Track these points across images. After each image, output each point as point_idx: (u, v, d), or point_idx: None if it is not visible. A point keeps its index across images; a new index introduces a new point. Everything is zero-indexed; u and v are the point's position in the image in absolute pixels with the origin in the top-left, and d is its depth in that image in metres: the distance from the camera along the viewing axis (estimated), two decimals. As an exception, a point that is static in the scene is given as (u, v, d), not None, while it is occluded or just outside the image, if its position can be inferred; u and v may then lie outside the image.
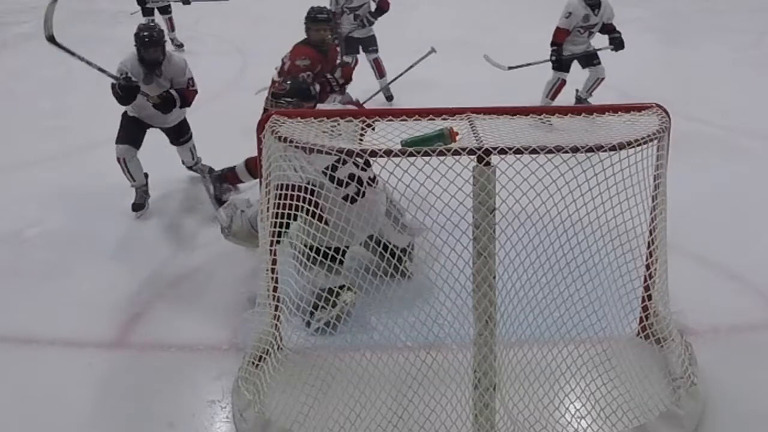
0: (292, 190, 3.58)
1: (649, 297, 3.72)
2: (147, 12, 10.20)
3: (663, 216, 3.61)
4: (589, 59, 7.09)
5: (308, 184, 3.78)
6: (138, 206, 5.51)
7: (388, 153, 3.12)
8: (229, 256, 4.78)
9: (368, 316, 3.92)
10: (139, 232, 5.28)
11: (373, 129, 3.36)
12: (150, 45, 5.39)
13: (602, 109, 3.44)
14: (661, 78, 7.88)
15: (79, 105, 7.85)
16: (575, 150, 3.07)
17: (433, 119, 3.36)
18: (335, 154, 3.16)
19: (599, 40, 7.11)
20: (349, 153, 3.15)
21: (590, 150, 3.08)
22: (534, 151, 3.02)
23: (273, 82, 5.61)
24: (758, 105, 7.07)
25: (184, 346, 4.11)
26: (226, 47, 10.43)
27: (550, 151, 3.03)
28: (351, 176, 4.02)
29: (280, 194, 3.51)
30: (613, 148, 3.13)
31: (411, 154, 3.08)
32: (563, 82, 7.09)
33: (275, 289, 3.69)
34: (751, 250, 4.85)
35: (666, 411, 3.39)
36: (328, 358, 3.52)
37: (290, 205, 3.51)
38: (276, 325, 3.73)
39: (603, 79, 7.11)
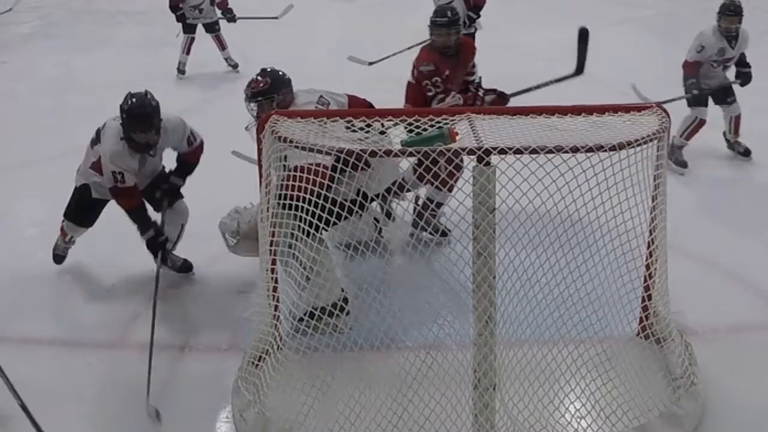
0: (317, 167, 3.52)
1: (649, 297, 3.72)
2: (190, 29, 8.99)
3: (663, 216, 3.60)
4: (724, 96, 6.23)
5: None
6: (60, 258, 4.90)
7: (388, 153, 3.12)
8: (229, 256, 4.78)
9: (368, 316, 3.91)
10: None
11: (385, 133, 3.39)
12: (145, 125, 4.28)
13: (602, 109, 3.44)
14: (661, 78, 7.87)
15: (79, 105, 7.84)
16: (575, 150, 3.07)
17: (433, 119, 3.36)
18: (335, 154, 3.17)
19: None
20: (349, 153, 3.16)
21: (590, 150, 3.09)
22: (534, 151, 3.03)
23: (408, 83, 5.21)
24: (758, 105, 7.05)
25: (184, 346, 4.11)
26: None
27: (550, 151, 3.03)
28: None
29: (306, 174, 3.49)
30: (613, 148, 3.13)
31: (411, 154, 3.08)
32: (702, 122, 6.12)
33: (275, 289, 3.69)
34: (751, 250, 4.85)
35: (666, 411, 3.39)
36: (328, 358, 3.52)
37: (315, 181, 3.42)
38: (276, 325, 3.73)
39: (739, 116, 6.32)
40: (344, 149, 3.15)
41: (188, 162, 4.71)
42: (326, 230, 3.65)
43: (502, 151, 3.02)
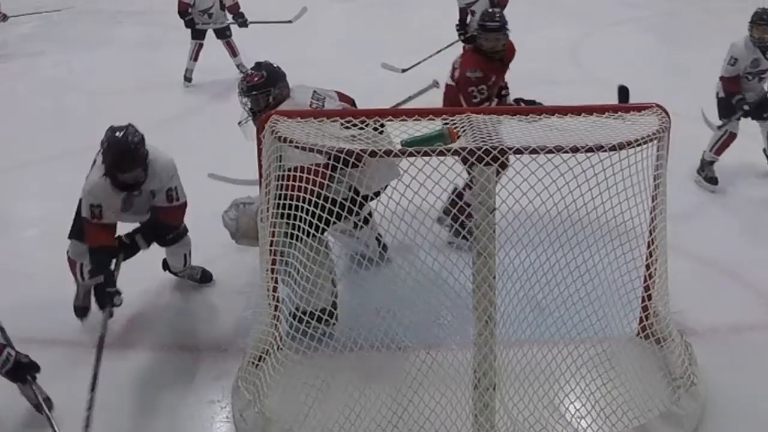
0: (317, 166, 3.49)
1: (649, 297, 3.72)
2: (198, 35, 8.51)
3: (663, 216, 3.60)
4: (760, 110, 5.86)
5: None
6: (82, 310, 4.38)
7: (388, 153, 3.12)
8: (228, 256, 4.78)
9: (368, 316, 3.91)
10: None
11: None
12: (126, 165, 3.88)
13: (602, 109, 3.44)
14: (661, 78, 7.87)
15: (79, 105, 7.85)
16: (575, 150, 3.07)
17: (433, 119, 3.36)
18: (335, 154, 3.16)
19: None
20: (349, 153, 3.16)
21: (590, 150, 3.09)
22: (534, 151, 3.03)
23: (446, 85, 5.14)
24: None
25: (184, 347, 4.11)
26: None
27: (550, 151, 3.03)
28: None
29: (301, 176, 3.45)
30: (613, 148, 3.13)
31: (411, 154, 3.08)
32: (732, 136, 5.85)
33: (275, 289, 3.69)
34: (751, 250, 4.85)
35: (666, 411, 3.39)
36: (328, 358, 3.52)
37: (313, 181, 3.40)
38: (276, 325, 3.73)
39: None
40: (344, 149, 3.15)
41: (161, 222, 4.16)
42: (326, 229, 3.65)
43: (502, 151, 3.02)
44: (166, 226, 4.21)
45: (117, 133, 3.91)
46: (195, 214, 4.73)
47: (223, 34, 8.58)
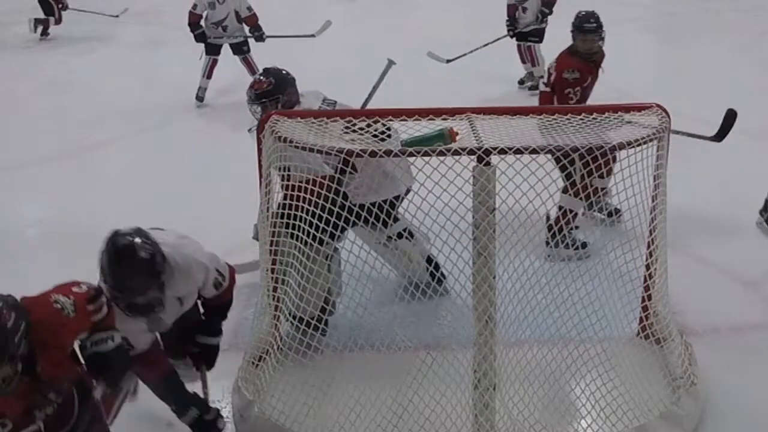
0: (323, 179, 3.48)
1: (649, 297, 3.72)
2: (212, 50, 7.69)
3: (663, 216, 3.61)
4: None
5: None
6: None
7: (389, 153, 3.12)
8: (228, 256, 4.77)
9: (368, 317, 3.91)
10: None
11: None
12: (132, 292, 3.01)
13: (602, 109, 3.44)
14: (661, 78, 7.87)
15: (79, 105, 7.85)
16: (575, 150, 3.07)
17: (433, 119, 3.36)
18: (335, 154, 3.17)
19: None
20: (349, 153, 3.16)
21: (590, 150, 3.09)
22: (534, 151, 3.03)
23: (541, 93, 5.18)
24: (758, 105, 7.06)
25: (184, 347, 4.10)
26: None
27: (550, 151, 3.03)
28: None
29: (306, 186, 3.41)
30: (613, 148, 3.13)
31: (411, 154, 3.08)
32: None
33: (275, 289, 3.69)
34: (751, 250, 4.85)
35: (666, 411, 3.39)
36: (328, 358, 3.52)
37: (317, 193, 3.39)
38: (276, 325, 3.73)
39: None
40: (344, 149, 3.15)
41: (217, 307, 3.45)
42: (331, 242, 3.63)
43: (502, 151, 3.02)
44: (222, 307, 3.50)
45: (116, 248, 3.03)
46: (195, 215, 4.75)
47: (240, 49, 7.78)
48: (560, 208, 4.22)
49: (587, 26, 4.99)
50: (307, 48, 8.35)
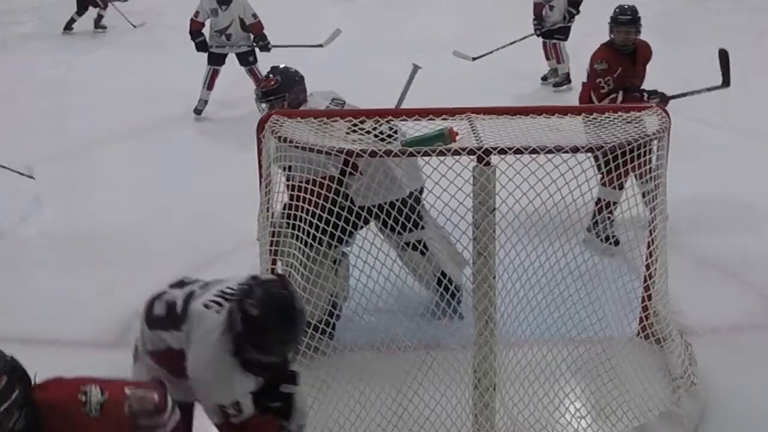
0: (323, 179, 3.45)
1: (649, 297, 3.72)
2: (214, 59, 7.33)
3: (663, 216, 3.61)
4: None
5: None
6: None
7: (389, 153, 3.12)
8: (228, 255, 4.78)
9: (368, 317, 3.91)
10: (139, 232, 5.28)
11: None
12: (286, 344, 2.64)
13: (602, 109, 3.44)
14: (661, 78, 7.88)
15: (79, 105, 7.85)
16: (575, 150, 3.07)
17: (433, 119, 3.36)
18: (335, 154, 3.16)
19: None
20: (349, 153, 3.16)
21: (590, 150, 3.09)
22: (534, 151, 3.03)
23: (582, 85, 5.24)
24: (758, 105, 7.06)
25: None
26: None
27: (550, 151, 3.03)
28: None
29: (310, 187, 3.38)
30: (613, 148, 3.13)
31: (411, 154, 3.08)
32: None
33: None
34: (751, 250, 4.85)
35: (666, 411, 3.39)
36: (328, 358, 3.52)
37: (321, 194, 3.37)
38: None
39: None
40: (344, 149, 3.15)
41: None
42: (338, 246, 3.62)
43: (502, 151, 3.02)
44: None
45: (280, 301, 2.58)
46: (195, 214, 4.76)
47: (245, 60, 7.36)
48: (598, 201, 4.41)
49: (621, 18, 5.13)
50: (308, 48, 8.36)
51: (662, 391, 3.51)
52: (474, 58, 7.90)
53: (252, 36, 7.32)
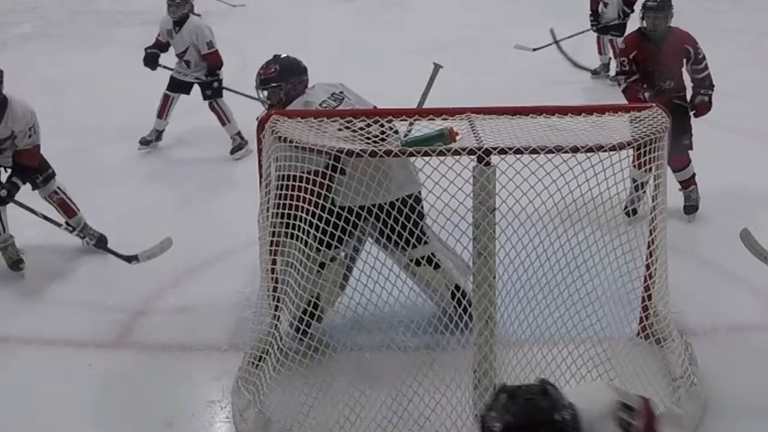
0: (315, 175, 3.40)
1: (649, 297, 3.72)
2: (173, 86, 6.63)
3: (663, 216, 3.61)
4: None
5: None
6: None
7: (389, 153, 3.12)
8: (228, 255, 4.79)
9: (368, 317, 3.92)
10: (139, 232, 5.27)
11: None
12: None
13: (602, 109, 3.44)
14: (661, 78, 7.90)
15: (79, 105, 7.84)
16: (575, 150, 3.07)
17: (433, 119, 3.36)
18: (336, 154, 3.16)
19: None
20: (349, 153, 3.15)
21: (590, 150, 3.09)
22: (534, 151, 3.03)
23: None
24: (758, 105, 7.06)
25: (183, 347, 4.11)
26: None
27: (550, 151, 3.03)
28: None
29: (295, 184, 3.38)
30: (613, 148, 3.13)
31: (411, 154, 3.08)
32: None
33: (275, 289, 3.69)
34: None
35: (666, 411, 3.38)
36: (328, 358, 3.52)
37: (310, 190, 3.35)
38: (276, 325, 3.73)
39: None
40: (344, 149, 3.15)
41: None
42: (326, 250, 3.60)
43: (502, 151, 3.02)
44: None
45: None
46: (195, 214, 4.76)
47: (203, 93, 6.47)
48: (633, 180, 4.50)
49: (649, 4, 5.32)
50: (300, 46, 8.36)
51: (662, 391, 3.50)
52: (534, 49, 8.28)
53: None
